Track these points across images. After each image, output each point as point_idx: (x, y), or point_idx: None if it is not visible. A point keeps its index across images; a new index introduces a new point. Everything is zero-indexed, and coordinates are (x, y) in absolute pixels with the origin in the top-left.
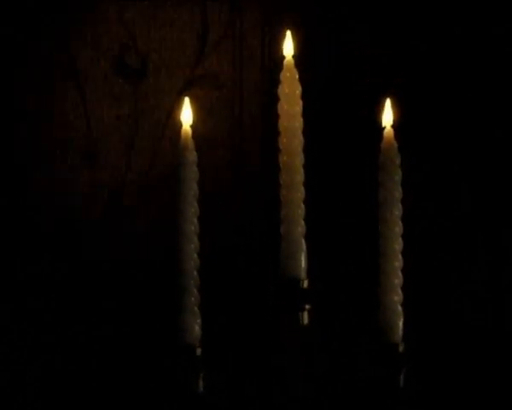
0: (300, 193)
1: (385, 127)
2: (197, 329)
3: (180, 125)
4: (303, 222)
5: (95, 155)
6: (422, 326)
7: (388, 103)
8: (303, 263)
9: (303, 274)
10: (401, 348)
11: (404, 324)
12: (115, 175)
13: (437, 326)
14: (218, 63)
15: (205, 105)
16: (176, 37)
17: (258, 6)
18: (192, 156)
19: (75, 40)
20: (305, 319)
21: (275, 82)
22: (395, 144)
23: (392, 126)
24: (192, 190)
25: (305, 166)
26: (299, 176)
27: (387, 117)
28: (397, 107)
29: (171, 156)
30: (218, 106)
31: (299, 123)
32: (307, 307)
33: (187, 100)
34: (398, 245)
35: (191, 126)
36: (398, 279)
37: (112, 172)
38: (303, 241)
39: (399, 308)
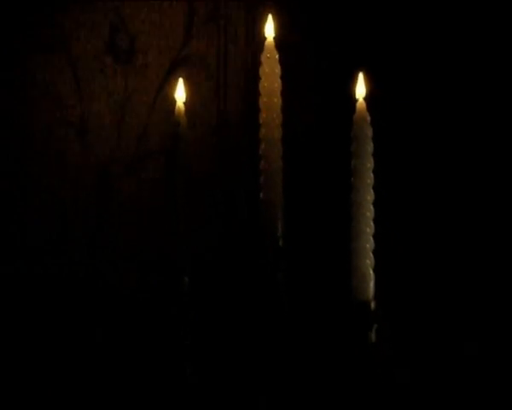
0: (278, 164)
1: (357, 100)
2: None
3: (174, 102)
4: (281, 190)
5: (86, 130)
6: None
7: (361, 76)
8: (280, 226)
9: (280, 231)
10: (372, 306)
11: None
12: (106, 150)
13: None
14: (203, 45)
15: (190, 85)
16: (163, 19)
17: None
18: (185, 132)
19: (69, 21)
20: (281, 277)
21: (258, 63)
22: (367, 116)
23: (366, 99)
24: (185, 165)
25: (284, 140)
26: (278, 149)
27: (360, 90)
28: (376, 79)
29: (160, 132)
30: (204, 86)
31: (277, 99)
32: (283, 266)
33: (181, 80)
34: (370, 212)
35: (184, 104)
36: (369, 244)
37: (103, 147)
38: (281, 207)
39: (371, 271)
